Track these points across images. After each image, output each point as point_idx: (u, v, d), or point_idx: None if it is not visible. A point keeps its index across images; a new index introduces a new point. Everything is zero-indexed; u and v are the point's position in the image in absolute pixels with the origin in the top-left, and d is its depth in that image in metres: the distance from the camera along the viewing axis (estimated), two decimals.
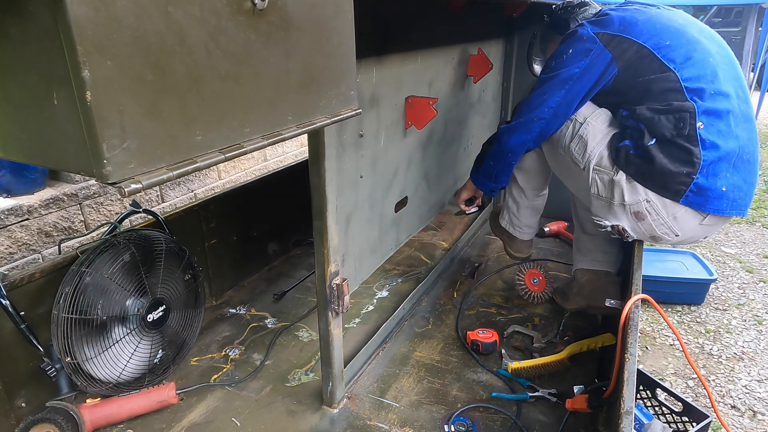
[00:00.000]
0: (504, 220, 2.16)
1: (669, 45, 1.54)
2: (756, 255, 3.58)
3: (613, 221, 1.66)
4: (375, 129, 1.57)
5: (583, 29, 1.63)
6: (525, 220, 2.11)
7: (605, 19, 1.63)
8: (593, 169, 1.65)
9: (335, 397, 1.54)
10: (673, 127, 1.49)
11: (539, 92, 1.66)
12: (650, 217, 1.58)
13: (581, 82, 1.60)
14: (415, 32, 1.71)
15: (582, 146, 1.67)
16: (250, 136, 0.81)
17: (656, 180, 1.53)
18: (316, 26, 0.90)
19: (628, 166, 1.57)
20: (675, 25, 1.60)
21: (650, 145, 1.51)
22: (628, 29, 1.58)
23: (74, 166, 0.64)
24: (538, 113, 1.65)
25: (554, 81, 1.62)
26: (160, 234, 1.68)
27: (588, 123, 1.67)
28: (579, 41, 1.61)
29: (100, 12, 0.57)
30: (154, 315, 1.60)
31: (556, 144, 1.75)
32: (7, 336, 1.39)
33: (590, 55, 1.58)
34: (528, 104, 1.68)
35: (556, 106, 1.63)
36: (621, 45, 1.57)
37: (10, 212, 2.27)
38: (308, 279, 2.32)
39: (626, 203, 1.60)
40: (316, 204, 1.32)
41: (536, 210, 2.10)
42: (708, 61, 1.53)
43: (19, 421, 1.43)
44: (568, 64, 1.61)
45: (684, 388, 2.31)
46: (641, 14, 1.62)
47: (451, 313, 2.07)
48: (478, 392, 1.63)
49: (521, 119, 1.69)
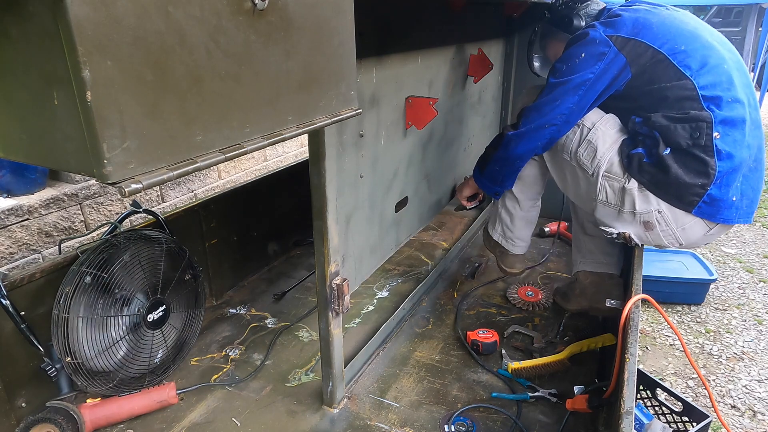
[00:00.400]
0: (496, 233, 2.07)
1: (684, 50, 1.50)
2: (756, 255, 3.58)
3: (620, 228, 1.64)
4: (375, 129, 1.57)
5: (594, 31, 1.57)
6: (519, 232, 2.02)
7: (617, 21, 1.57)
8: (603, 176, 1.62)
9: (335, 397, 1.54)
10: (689, 137, 1.47)
11: (550, 98, 1.60)
12: (659, 227, 1.57)
13: (595, 88, 1.56)
14: (415, 32, 1.71)
15: (591, 152, 1.63)
16: (250, 136, 0.81)
17: (670, 190, 1.51)
18: (316, 26, 0.90)
19: (641, 175, 1.54)
20: (688, 28, 1.56)
21: (665, 155, 1.49)
22: (642, 32, 1.53)
23: (74, 166, 0.64)
24: (549, 119, 1.60)
25: (567, 87, 1.57)
26: (161, 234, 1.68)
27: (597, 128, 1.63)
28: (592, 44, 1.55)
29: (101, 12, 0.57)
30: (155, 315, 1.60)
31: (561, 150, 1.72)
32: (7, 336, 1.39)
33: (604, 59, 1.53)
34: (539, 110, 1.63)
35: (569, 113, 1.59)
36: (636, 49, 1.52)
37: (11, 212, 2.27)
38: (308, 279, 2.32)
39: (637, 212, 1.58)
40: (316, 204, 1.32)
41: (530, 222, 2.03)
42: (723, 68, 1.51)
43: (19, 421, 1.43)
44: (582, 68, 1.55)
45: (684, 388, 2.31)
46: (654, 16, 1.58)
47: (451, 313, 2.07)
48: (479, 392, 1.63)
49: (531, 126, 1.64)
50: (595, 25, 1.60)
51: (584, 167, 1.66)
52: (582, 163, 1.66)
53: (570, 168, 1.73)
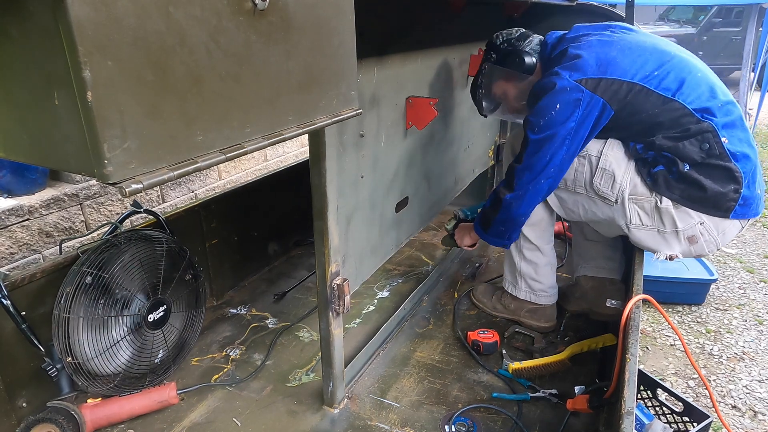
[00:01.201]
0: (521, 291, 1.92)
1: (657, 75, 1.49)
2: (756, 255, 3.58)
3: (667, 251, 1.62)
4: (376, 129, 1.57)
5: (561, 79, 1.50)
6: (546, 279, 1.90)
7: (579, 63, 1.51)
8: (629, 199, 1.60)
9: (336, 397, 1.54)
10: (699, 150, 1.48)
11: (540, 156, 1.55)
12: (703, 238, 1.58)
13: (579, 134, 1.53)
14: (415, 32, 1.71)
15: (609, 179, 1.60)
16: (250, 136, 0.81)
17: (708, 203, 1.52)
18: (316, 26, 0.90)
19: (671, 191, 1.54)
20: (647, 47, 1.55)
21: (687, 171, 1.49)
22: (609, 69, 1.49)
23: (75, 166, 0.64)
24: (544, 175, 1.58)
25: (553, 141, 1.52)
26: (161, 234, 1.68)
27: (606, 155, 1.60)
28: (563, 93, 1.49)
29: (101, 12, 0.57)
30: (155, 315, 1.60)
31: (572, 185, 1.69)
32: (8, 336, 1.39)
33: (581, 104, 1.48)
34: (530, 170, 1.58)
35: (560, 163, 1.56)
36: (610, 87, 1.49)
37: (11, 212, 2.27)
38: (309, 279, 2.32)
39: (680, 229, 1.57)
40: (316, 204, 1.32)
41: (554, 265, 1.92)
42: (698, 77, 1.52)
43: (20, 421, 1.43)
44: (561, 120, 1.50)
45: (685, 388, 2.31)
46: (611, 47, 1.54)
47: (451, 313, 2.07)
48: (479, 392, 1.63)
49: (528, 186, 1.60)
50: (558, 72, 1.52)
51: (604, 195, 1.63)
52: (601, 192, 1.63)
53: (585, 200, 1.70)
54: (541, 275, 1.89)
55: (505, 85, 1.80)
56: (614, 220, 1.66)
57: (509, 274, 1.98)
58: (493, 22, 2.45)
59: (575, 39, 1.63)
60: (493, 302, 2.03)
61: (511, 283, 1.97)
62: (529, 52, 1.71)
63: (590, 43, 1.57)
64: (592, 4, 2.53)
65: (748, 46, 6.47)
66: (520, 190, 1.62)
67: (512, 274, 1.96)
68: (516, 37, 1.76)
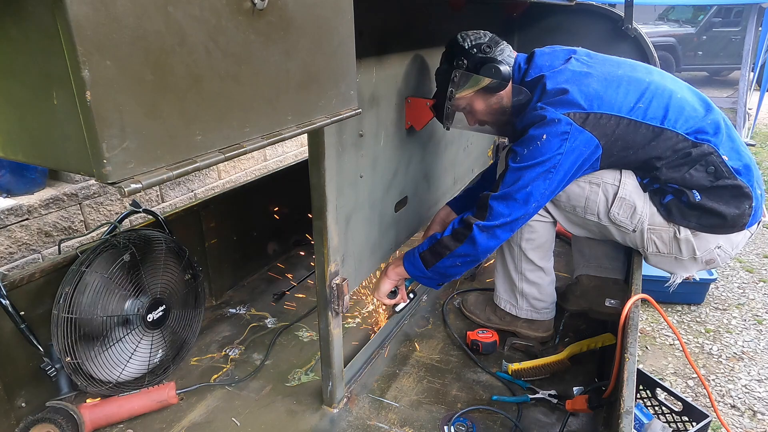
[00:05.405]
0: (522, 310, 1.85)
1: (641, 106, 1.47)
2: (756, 255, 3.59)
3: (684, 273, 1.64)
4: (375, 129, 1.57)
5: (549, 113, 1.45)
6: (548, 297, 1.84)
7: (567, 98, 1.46)
8: (648, 230, 1.59)
9: (335, 396, 1.54)
10: (706, 175, 1.48)
11: (519, 186, 1.45)
12: (720, 258, 1.59)
13: (563, 168, 1.45)
14: (415, 32, 1.71)
15: (629, 209, 1.57)
16: (249, 135, 0.80)
17: (726, 226, 1.52)
18: (315, 26, 0.90)
19: (687, 219, 1.53)
20: (622, 77, 1.52)
21: (699, 201, 1.49)
22: (596, 103, 1.45)
23: (74, 165, 0.64)
24: (525, 210, 1.46)
25: (533, 171, 1.43)
26: (160, 234, 1.68)
27: (625, 184, 1.56)
28: (551, 125, 1.44)
29: (100, 12, 0.56)
30: (154, 315, 1.60)
31: (582, 212, 1.63)
32: (7, 336, 1.39)
33: (569, 138, 1.43)
34: (507, 201, 1.46)
35: (540, 198, 1.46)
36: (599, 122, 1.45)
37: (10, 212, 2.27)
38: (308, 279, 2.32)
39: (698, 256, 1.58)
40: (316, 204, 1.32)
41: (554, 280, 1.86)
42: (679, 99, 1.51)
43: (19, 421, 1.43)
44: (546, 151, 1.43)
45: (684, 387, 2.31)
46: (593, 79, 1.49)
47: (451, 312, 2.07)
48: (478, 392, 1.63)
49: (507, 220, 1.46)
50: (545, 107, 1.47)
51: (621, 225, 1.60)
52: (619, 221, 1.60)
53: (598, 227, 1.66)
54: (545, 294, 1.83)
55: (472, 97, 1.65)
56: (626, 242, 1.68)
57: (505, 293, 1.88)
58: (493, 22, 2.45)
59: (549, 68, 1.56)
60: (486, 314, 1.97)
61: (508, 302, 1.88)
62: (499, 59, 1.59)
63: (568, 74, 1.51)
64: (591, 4, 2.53)
65: (748, 45, 6.48)
66: (494, 221, 1.46)
67: (510, 293, 1.87)
68: (486, 42, 1.60)
